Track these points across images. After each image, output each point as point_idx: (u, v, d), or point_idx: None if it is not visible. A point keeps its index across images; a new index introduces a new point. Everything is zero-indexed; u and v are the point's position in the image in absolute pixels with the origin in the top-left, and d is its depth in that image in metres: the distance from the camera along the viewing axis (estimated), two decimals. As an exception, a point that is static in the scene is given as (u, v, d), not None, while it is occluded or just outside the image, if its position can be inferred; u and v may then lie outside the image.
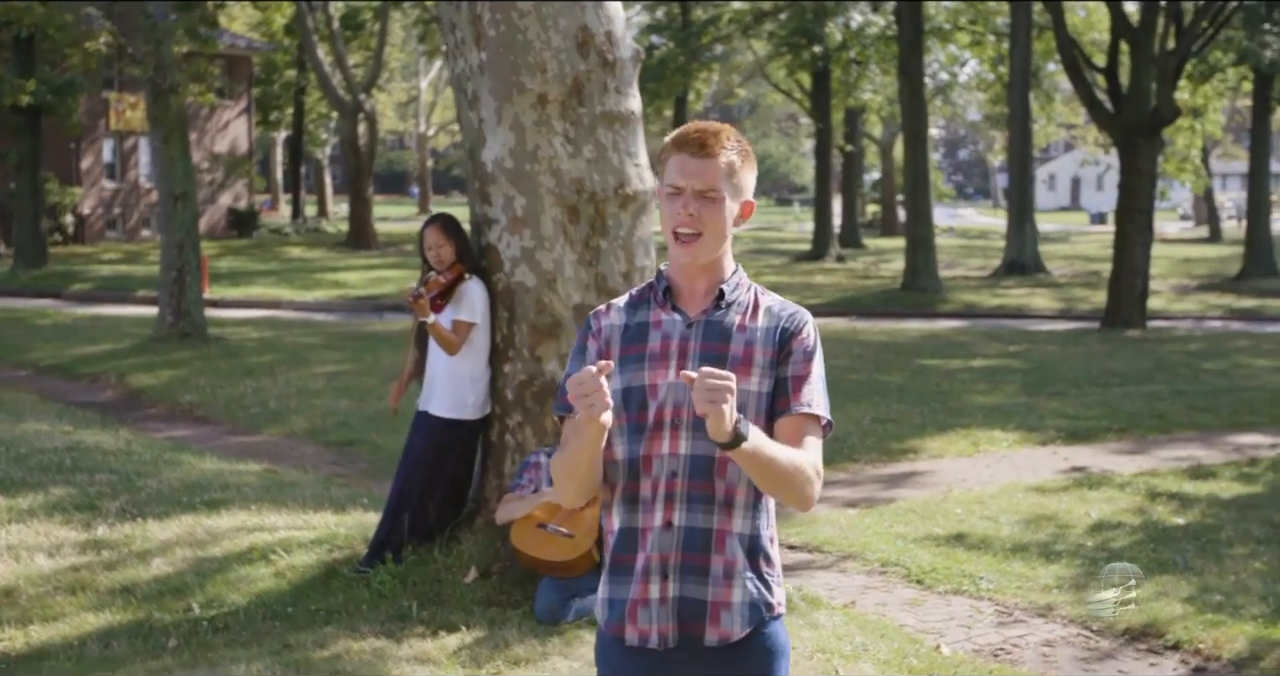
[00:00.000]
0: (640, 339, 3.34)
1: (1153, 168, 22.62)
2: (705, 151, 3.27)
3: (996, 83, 41.32)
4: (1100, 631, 7.31)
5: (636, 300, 3.42)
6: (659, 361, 3.30)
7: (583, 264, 6.93)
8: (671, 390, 3.27)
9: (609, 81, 6.88)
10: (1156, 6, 22.59)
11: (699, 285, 3.36)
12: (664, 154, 3.35)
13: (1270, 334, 23.84)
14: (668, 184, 3.31)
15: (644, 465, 3.27)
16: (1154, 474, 11.33)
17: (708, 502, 3.25)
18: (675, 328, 3.32)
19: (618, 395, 3.29)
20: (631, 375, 3.31)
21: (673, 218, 3.28)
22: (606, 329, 3.38)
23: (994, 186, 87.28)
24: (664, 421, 3.27)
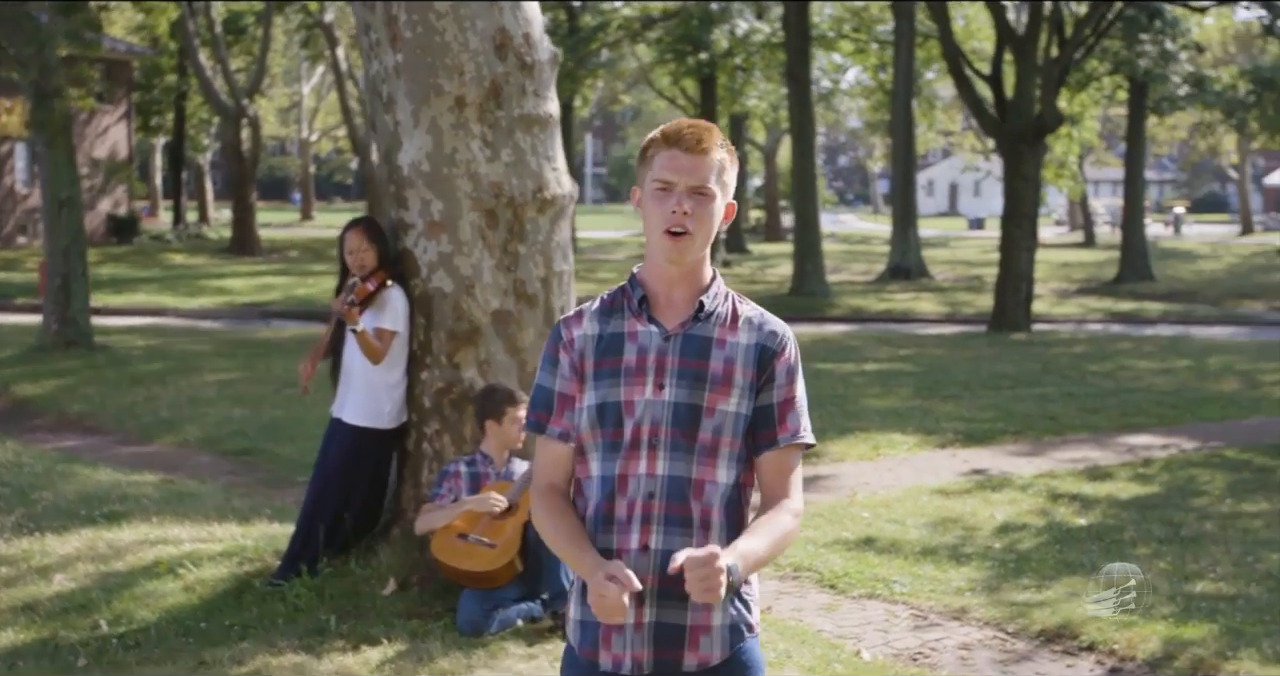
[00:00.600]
0: (615, 351, 3.20)
1: (1037, 174, 22.99)
2: (699, 148, 3.16)
3: (879, 90, 41.76)
4: (1016, 633, 7.36)
5: (609, 307, 3.27)
6: (635, 377, 3.17)
7: (501, 269, 6.85)
8: (649, 408, 3.15)
9: (527, 84, 6.81)
10: (1040, 16, 22.96)
11: (678, 293, 3.23)
12: (650, 150, 3.21)
13: (1150, 336, 24.30)
14: (656, 180, 3.17)
15: (620, 485, 3.16)
16: (1053, 475, 11.47)
17: (685, 525, 3.14)
18: (652, 340, 3.19)
19: (592, 411, 3.19)
20: (607, 390, 3.18)
21: (663, 215, 3.15)
22: (579, 339, 3.24)
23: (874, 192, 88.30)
24: (641, 440, 3.15)
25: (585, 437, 3.21)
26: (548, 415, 3.25)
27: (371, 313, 6.92)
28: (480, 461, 6.74)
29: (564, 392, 3.24)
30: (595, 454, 3.19)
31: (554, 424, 3.24)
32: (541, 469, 3.28)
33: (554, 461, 3.25)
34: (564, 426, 3.23)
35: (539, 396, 3.28)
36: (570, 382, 3.23)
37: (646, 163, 3.23)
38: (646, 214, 3.21)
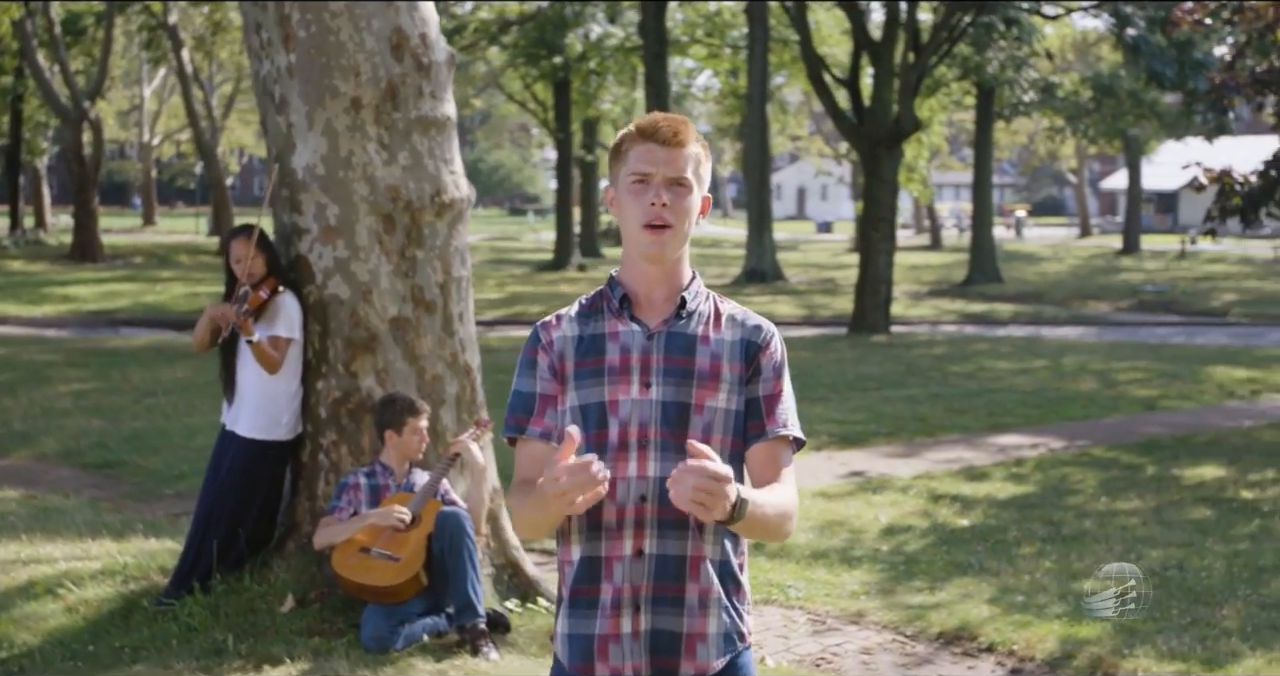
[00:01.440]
0: (596, 351, 3.11)
1: (895, 177, 23.27)
2: (675, 140, 3.10)
3: (730, 94, 42.02)
4: (915, 636, 7.37)
5: (588, 309, 3.19)
6: (619, 376, 3.09)
7: (399, 275, 6.67)
8: (635, 407, 3.07)
9: (424, 85, 6.64)
10: (896, 21, 23.26)
11: (658, 292, 3.15)
12: (624, 145, 3.15)
13: (1004, 337, 24.73)
14: (632, 173, 3.10)
15: (610, 491, 3.01)
16: (930, 476, 11.56)
17: (680, 528, 3.04)
18: (634, 339, 3.11)
19: (575, 412, 3.09)
20: (589, 391, 3.09)
21: (642, 209, 3.08)
22: (558, 341, 3.14)
23: (723, 196, 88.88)
24: (629, 441, 3.06)
25: None
26: (527, 417, 3.15)
27: (264, 321, 6.68)
28: (380, 472, 6.55)
29: (545, 393, 3.14)
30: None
31: (534, 424, 3.13)
32: (520, 469, 3.15)
33: (533, 460, 3.12)
34: (545, 425, 3.13)
35: (517, 402, 3.17)
36: (551, 383, 3.14)
37: (620, 158, 3.16)
38: (623, 210, 3.14)
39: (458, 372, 6.87)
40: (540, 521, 3.01)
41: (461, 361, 6.88)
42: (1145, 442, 13.50)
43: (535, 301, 28.56)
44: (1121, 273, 41.99)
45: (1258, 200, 14.41)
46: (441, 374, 6.80)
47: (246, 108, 57.25)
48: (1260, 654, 6.95)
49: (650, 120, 3.14)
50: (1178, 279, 39.45)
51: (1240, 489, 11.21)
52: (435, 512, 6.37)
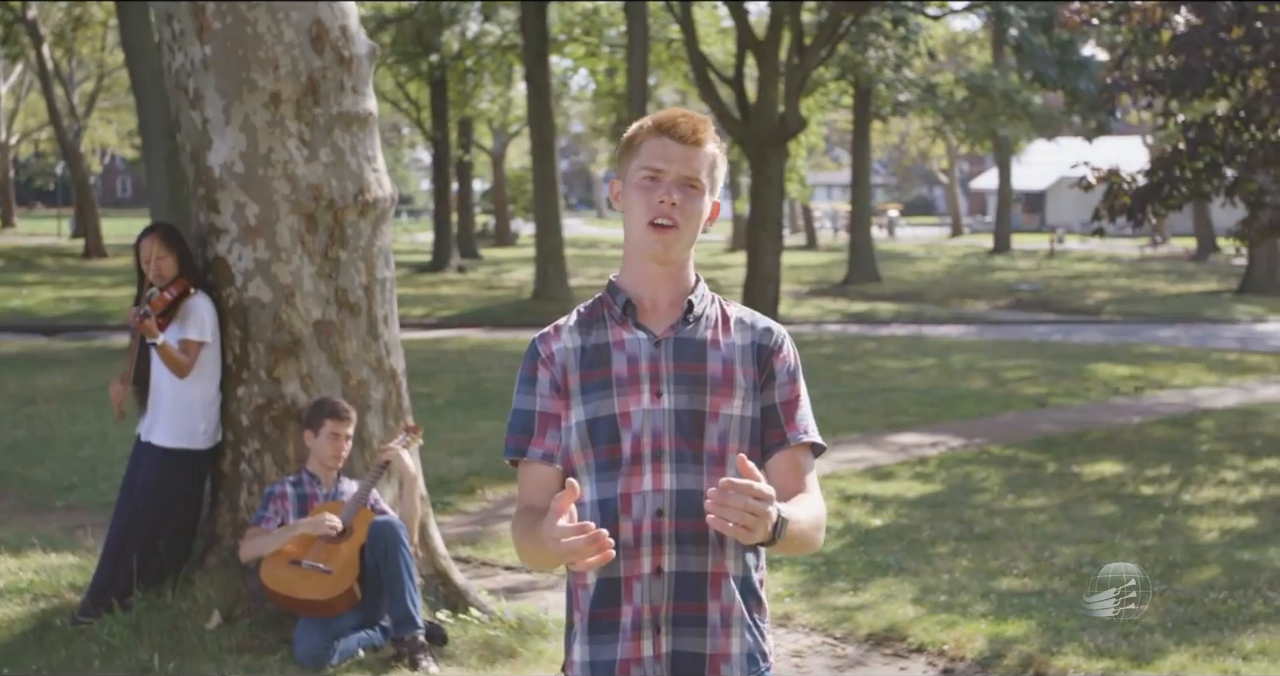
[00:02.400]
0: (601, 362, 2.95)
1: (781, 177, 23.33)
2: (693, 138, 2.94)
3: (609, 94, 41.91)
4: (844, 638, 7.30)
5: (588, 318, 3.02)
6: (629, 386, 2.93)
7: (322, 276, 6.43)
8: (648, 418, 2.91)
9: (345, 80, 6.42)
10: (781, 20, 23.31)
11: (662, 297, 2.99)
12: (637, 139, 2.98)
13: (889, 336, 24.92)
14: (644, 168, 2.94)
15: (623, 505, 2.89)
16: (838, 476, 11.54)
17: (700, 543, 2.89)
18: (641, 347, 2.95)
19: (582, 427, 2.92)
20: (598, 404, 2.93)
21: (649, 206, 2.92)
22: (559, 354, 2.97)
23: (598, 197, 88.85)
24: (642, 454, 2.90)
25: (575, 459, 2.94)
26: (527, 438, 2.98)
27: (175, 324, 6.39)
28: (307, 481, 6.32)
29: (545, 411, 2.97)
30: (588, 475, 2.92)
31: (535, 445, 2.97)
32: (522, 494, 2.98)
33: (536, 484, 2.95)
34: (547, 447, 2.96)
35: (516, 421, 3.00)
36: (552, 400, 2.97)
37: (632, 152, 2.99)
38: (629, 206, 2.98)
39: (383, 377, 6.65)
40: (544, 560, 2.85)
41: (387, 365, 6.67)
42: (1041, 440, 13.63)
43: (417, 304, 28.20)
44: (995, 272, 42.65)
45: (1145, 199, 14.59)
46: (367, 379, 6.58)
47: (109, 106, 55.97)
48: (1184, 649, 6.98)
49: (669, 115, 2.99)
50: (1050, 278, 40.14)
51: (1140, 485, 11.34)
52: (368, 522, 6.16)
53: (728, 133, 24.79)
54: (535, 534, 2.77)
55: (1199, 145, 14.46)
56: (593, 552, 2.61)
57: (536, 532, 2.75)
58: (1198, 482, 11.44)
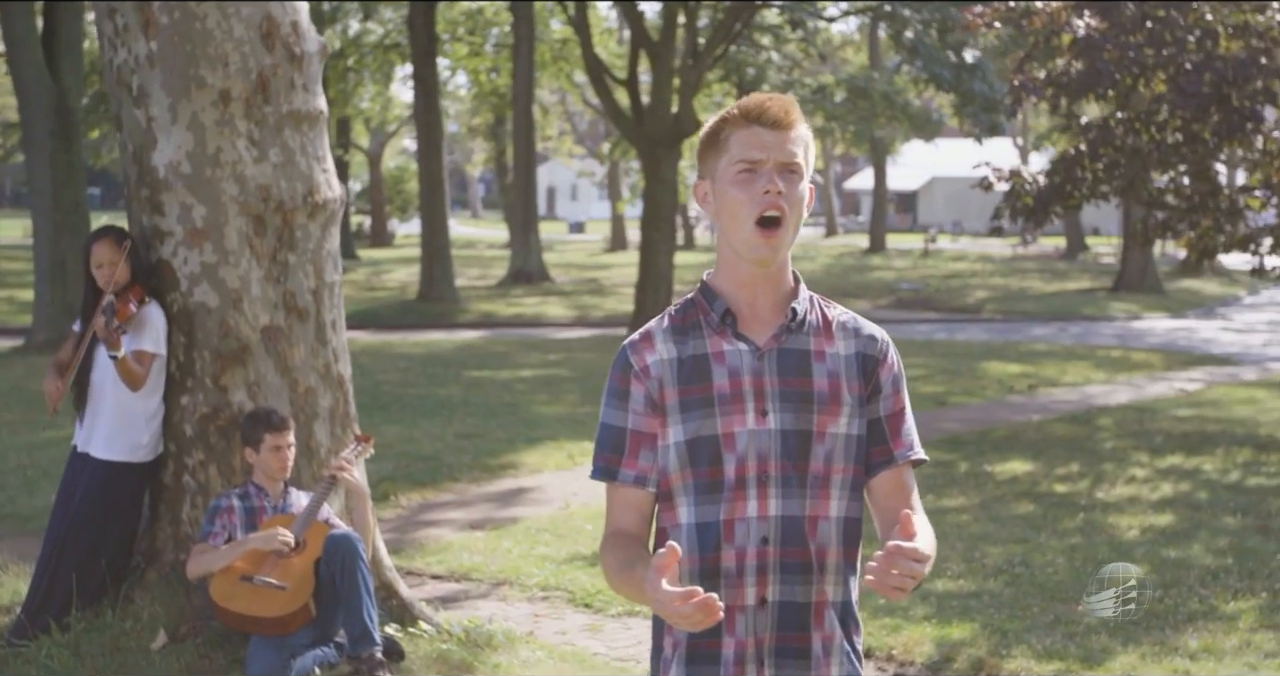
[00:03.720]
0: (701, 376, 2.75)
1: (674, 177, 23.27)
2: (786, 120, 2.74)
3: (491, 94, 41.65)
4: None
5: (681, 324, 2.80)
6: (732, 404, 2.73)
7: (270, 280, 6.21)
8: (753, 439, 2.73)
9: (296, 77, 6.20)
10: (674, 21, 23.26)
11: (762, 301, 2.78)
12: (724, 131, 2.77)
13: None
14: (741, 160, 2.72)
15: (726, 532, 2.73)
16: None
17: (805, 571, 2.75)
18: (743, 360, 2.76)
19: (681, 448, 2.73)
20: (699, 423, 2.73)
21: (752, 199, 2.71)
22: (655, 366, 2.76)
23: (473, 196, 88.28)
24: (747, 478, 2.73)
25: (673, 479, 2.76)
26: (619, 458, 2.79)
27: (130, 334, 6.11)
28: (254, 494, 6.08)
29: (639, 430, 2.78)
30: (685, 497, 2.75)
31: (627, 467, 2.78)
32: (610, 517, 2.81)
33: (628, 506, 2.79)
34: (640, 469, 2.77)
35: (606, 438, 2.81)
36: (646, 418, 2.77)
37: (718, 147, 2.78)
38: (725, 205, 2.75)
39: (331, 384, 6.44)
40: (639, 601, 2.70)
41: (335, 372, 6.47)
42: (949, 439, 13.71)
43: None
44: (873, 271, 43.08)
45: (1047, 200, 14.76)
46: (315, 386, 6.37)
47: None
48: (1131, 649, 7.02)
49: (756, 101, 2.77)
50: (928, 277, 40.62)
51: (1053, 483, 11.44)
52: (321, 536, 5.95)
53: (622, 134, 24.71)
54: (632, 578, 2.62)
55: (1099, 146, 14.65)
56: (701, 619, 2.45)
57: (633, 577, 2.60)
58: (1109, 480, 11.57)
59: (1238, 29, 14.13)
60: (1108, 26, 13.86)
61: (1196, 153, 14.47)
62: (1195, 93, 13.42)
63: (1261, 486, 11.34)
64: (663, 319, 2.84)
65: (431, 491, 10.77)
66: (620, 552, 2.73)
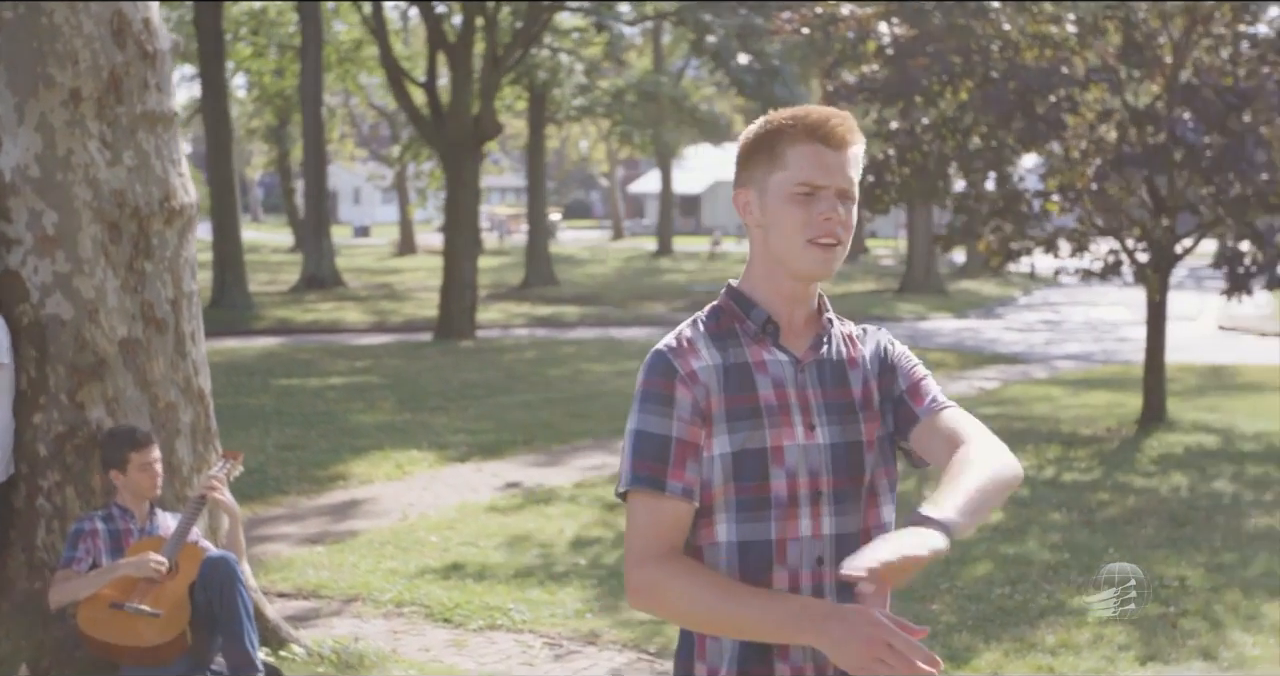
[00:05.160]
0: (746, 386, 2.60)
1: (476, 181, 23.04)
2: (847, 141, 2.60)
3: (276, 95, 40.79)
4: (659, 654, 7.14)
5: (718, 332, 2.65)
6: (780, 416, 2.59)
7: (127, 290, 5.87)
8: (803, 455, 2.58)
9: (149, 76, 5.88)
10: (474, 23, 23.01)
11: (799, 315, 2.68)
12: (780, 142, 2.61)
13: (582, 339, 24.94)
14: (800, 183, 2.58)
15: (778, 552, 2.56)
16: (589, 484, 11.39)
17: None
18: (785, 371, 2.63)
19: (727, 460, 2.56)
20: (747, 435, 2.56)
21: (808, 223, 2.58)
22: (702, 372, 2.58)
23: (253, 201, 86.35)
24: (799, 495, 2.58)
25: (715, 494, 2.58)
26: (663, 468, 2.56)
27: None
28: (119, 516, 5.73)
29: (684, 438, 2.57)
30: (726, 513, 2.58)
31: (674, 478, 2.56)
32: (657, 532, 2.56)
33: (675, 522, 2.56)
34: (687, 481, 2.56)
35: (646, 446, 2.58)
36: (692, 427, 2.57)
37: (773, 158, 2.62)
38: (778, 221, 2.61)
39: (192, 399, 6.13)
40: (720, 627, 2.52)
41: (195, 386, 6.15)
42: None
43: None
44: (664, 274, 43.38)
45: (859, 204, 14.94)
46: (175, 400, 6.04)
47: None
48: (994, 647, 7.11)
49: (821, 115, 2.62)
50: (718, 279, 41.05)
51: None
52: (195, 559, 5.65)
53: (423, 137, 24.37)
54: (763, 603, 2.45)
55: (907, 152, 14.92)
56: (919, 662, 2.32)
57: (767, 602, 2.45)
58: (931, 475, 11.76)
59: (1036, 39, 14.51)
60: (917, 34, 14.12)
61: (1000, 158, 14.84)
62: (1001, 100, 13.75)
63: (1077, 481, 11.66)
64: (696, 324, 2.68)
65: (260, 505, 10.41)
66: (708, 576, 2.53)
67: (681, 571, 2.53)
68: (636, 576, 2.55)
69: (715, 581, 2.52)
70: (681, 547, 2.58)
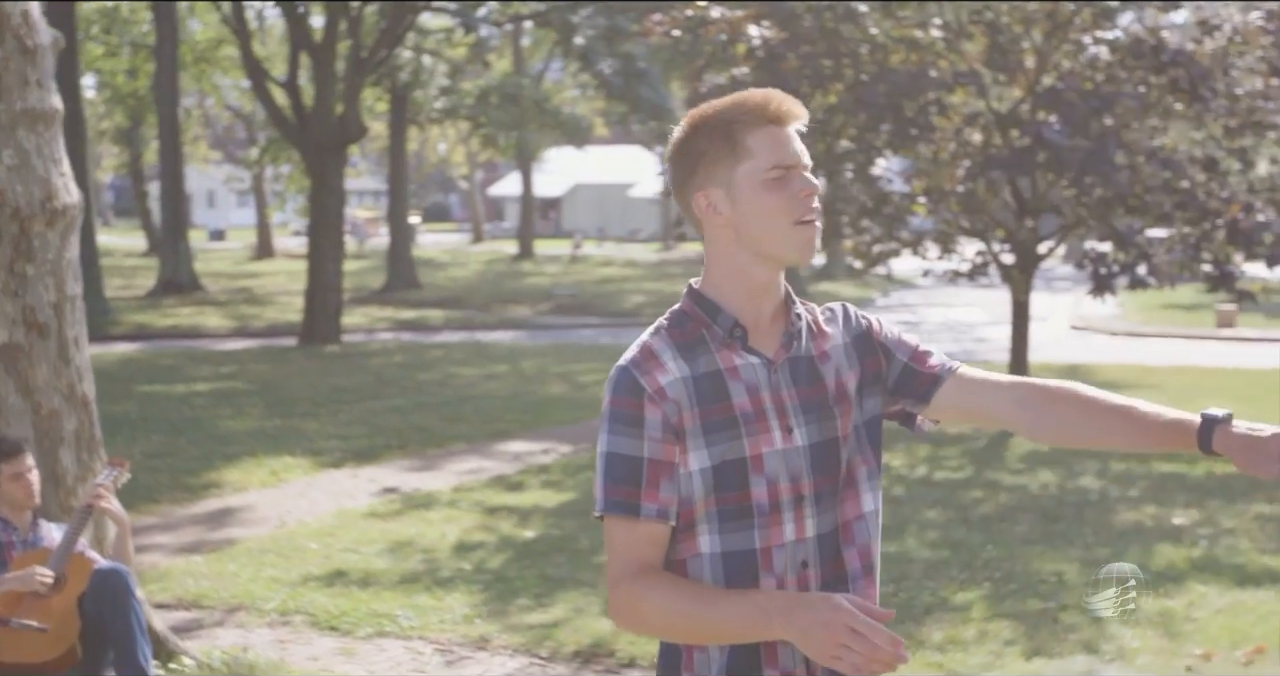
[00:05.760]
0: (719, 395, 2.50)
1: (341, 184, 22.75)
2: (795, 115, 2.54)
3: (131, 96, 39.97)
4: (551, 658, 7.10)
5: (684, 341, 2.55)
6: (756, 423, 2.50)
7: (8, 294, 5.69)
8: (783, 460, 2.51)
9: (29, 73, 5.71)
10: (338, 24, 22.73)
11: (766, 311, 2.57)
12: (737, 131, 2.52)
13: (455, 343, 24.71)
14: (774, 166, 2.49)
15: (764, 561, 2.50)
16: (467, 488, 11.30)
17: (840, 583, 2.54)
18: (758, 374, 2.54)
19: (707, 474, 2.48)
20: (725, 447, 2.48)
21: (793, 201, 2.49)
22: (671, 388, 2.48)
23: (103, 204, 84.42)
24: (781, 502, 2.50)
25: (695, 509, 2.50)
26: (636, 491, 2.47)
27: None
28: (1, 528, 5.55)
29: (656, 458, 2.48)
30: (707, 525, 2.50)
31: (648, 500, 2.47)
32: (633, 554, 2.49)
33: (651, 542, 2.49)
34: (662, 502, 2.48)
35: (618, 468, 2.49)
36: (665, 445, 2.48)
37: (736, 149, 2.53)
38: (755, 211, 2.52)
39: (75, 405, 5.95)
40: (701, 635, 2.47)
41: (79, 393, 5.97)
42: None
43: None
44: (526, 277, 43.23)
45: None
46: (59, 408, 5.86)
47: None
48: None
49: (762, 97, 2.54)
50: (581, 282, 41.05)
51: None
52: (84, 571, 5.47)
53: (286, 139, 24.02)
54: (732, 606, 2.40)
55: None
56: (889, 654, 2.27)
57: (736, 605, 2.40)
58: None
59: (902, 42, 14.72)
60: (787, 37, 14.23)
61: (868, 161, 15.03)
62: (872, 103, 13.92)
63: (949, 479, 11.84)
64: (658, 334, 2.58)
65: (132, 514, 10.09)
66: (681, 585, 2.48)
67: (655, 584, 2.46)
68: (615, 597, 2.49)
69: (689, 589, 2.46)
70: (659, 564, 2.50)
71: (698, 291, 2.62)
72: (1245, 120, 14.24)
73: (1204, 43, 14.04)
